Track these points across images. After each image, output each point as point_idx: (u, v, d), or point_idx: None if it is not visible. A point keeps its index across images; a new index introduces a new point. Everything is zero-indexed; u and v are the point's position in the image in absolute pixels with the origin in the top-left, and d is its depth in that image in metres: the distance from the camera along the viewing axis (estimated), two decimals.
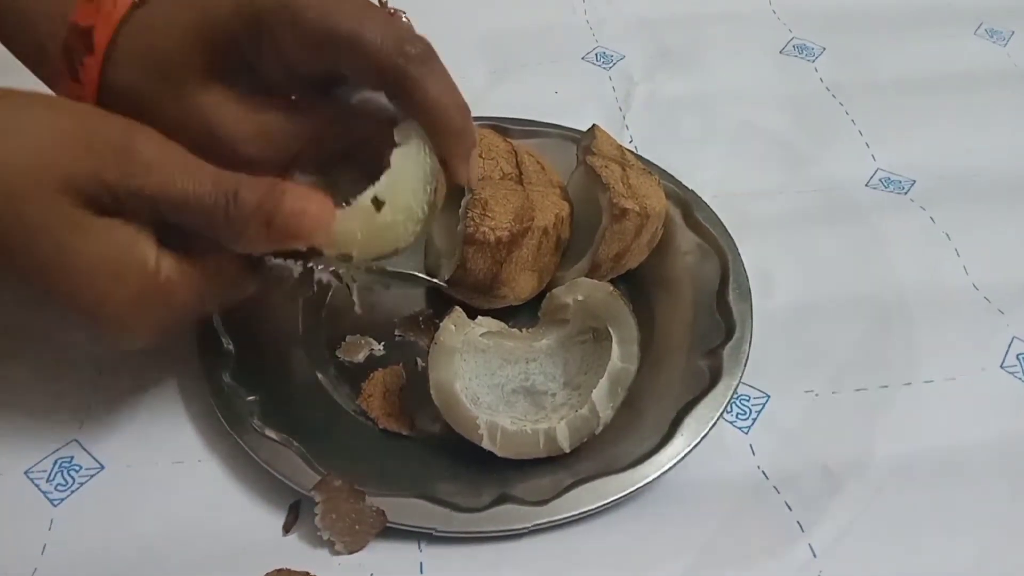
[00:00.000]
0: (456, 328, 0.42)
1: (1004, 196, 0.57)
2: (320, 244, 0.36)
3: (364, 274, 0.40)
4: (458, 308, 0.43)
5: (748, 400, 0.46)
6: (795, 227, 0.55)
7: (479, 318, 0.44)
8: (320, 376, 0.47)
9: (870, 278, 0.52)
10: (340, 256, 0.37)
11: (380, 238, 0.38)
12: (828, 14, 0.70)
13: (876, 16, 0.70)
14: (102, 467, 0.43)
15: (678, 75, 0.65)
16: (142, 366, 0.46)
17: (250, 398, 0.43)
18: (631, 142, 0.60)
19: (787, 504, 0.43)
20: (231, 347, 0.45)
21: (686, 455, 0.42)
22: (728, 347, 0.45)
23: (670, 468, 0.42)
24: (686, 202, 0.52)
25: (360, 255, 0.38)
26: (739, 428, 0.45)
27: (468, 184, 0.40)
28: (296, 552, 0.40)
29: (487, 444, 0.41)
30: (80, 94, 0.38)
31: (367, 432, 0.44)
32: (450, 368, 0.41)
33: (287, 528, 0.41)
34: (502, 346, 0.44)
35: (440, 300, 0.49)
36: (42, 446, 0.44)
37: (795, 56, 0.67)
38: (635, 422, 0.43)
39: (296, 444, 0.42)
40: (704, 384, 0.44)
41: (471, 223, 0.45)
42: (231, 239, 0.35)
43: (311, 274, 0.39)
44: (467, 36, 0.66)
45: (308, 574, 0.39)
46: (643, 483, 0.41)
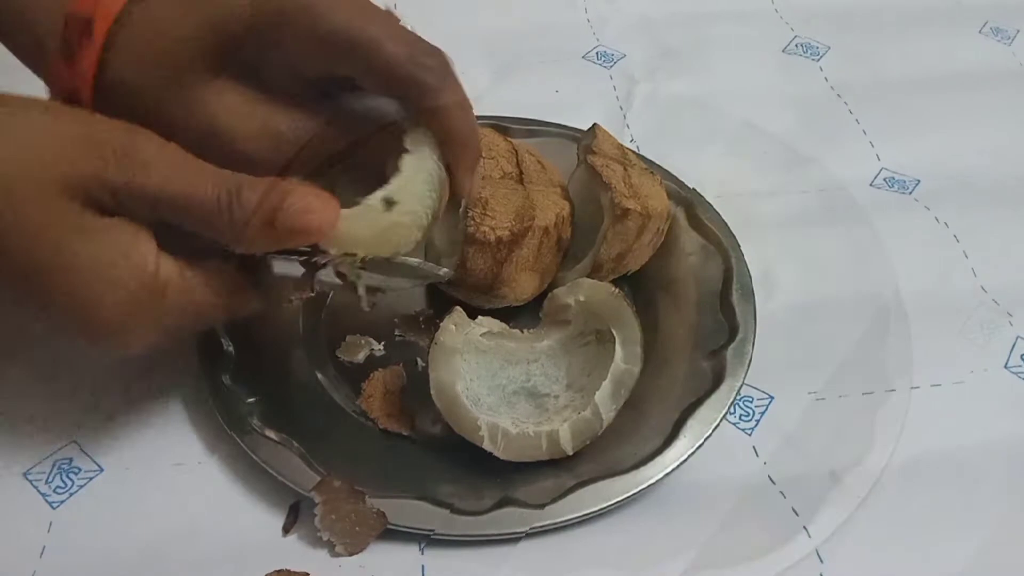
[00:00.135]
0: (457, 328, 0.42)
1: (1009, 195, 0.57)
2: (325, 243, 0.36)
3: (368, 273, 0.40)
4: (458, 308, 0.43)
5: (751, 401, 0.46)
6: (798, 227, 0.54)
7: (479, 318, 0.43)
8: (320, 376, 0.46)
9: (873, 278, 0.52)
10: (344, 256, 0.37)
11: (385, 239, 0.38)
12: (831, 12, 0.70)
13: (879, 14, 0.70)
14: (101, 469, 0.43)
15: (679, 74, 0.64)
16: (141, 367, 0.46)
17: (250, 399, 0.43)
18: (632, 141, 0.59)
19: (794, 510, 0.42)
20: (231, 348, 0.45)
21: (689, 457, 0.42)
22: (731, 348, 0.45)
23: (673, 470, 0.41)
24: (689, 202, 0.52)
25: (365, 254, 0.38)
26: (742, 430, 0.45)
27: (468, 195, 0.40)
28: (296, 553, 0.40)
29: (489, 446, 0.41)
30: (77, 86, 0.38)
31: (367, 433, 0.44)
32: (451, 368, 0.41)
33: (287, 529, 0.41)
34: (503, 347, 0.43)
35: (440, 300, 0.49)
36: (41, 448, 0.43)
37: (797, 55, 0.67)
38: (637, 423, 0.43)
39: (296, 445, 0.41)
40: (707, 385, 0.44)
41: (472, 223, 0.45)
42: (233, 238, 0.35)
43: (312, 276, 0.38)
44: (467, 34, 0.66)
45: (308, 575, 0.39)
46: (646, 485, 0.41)
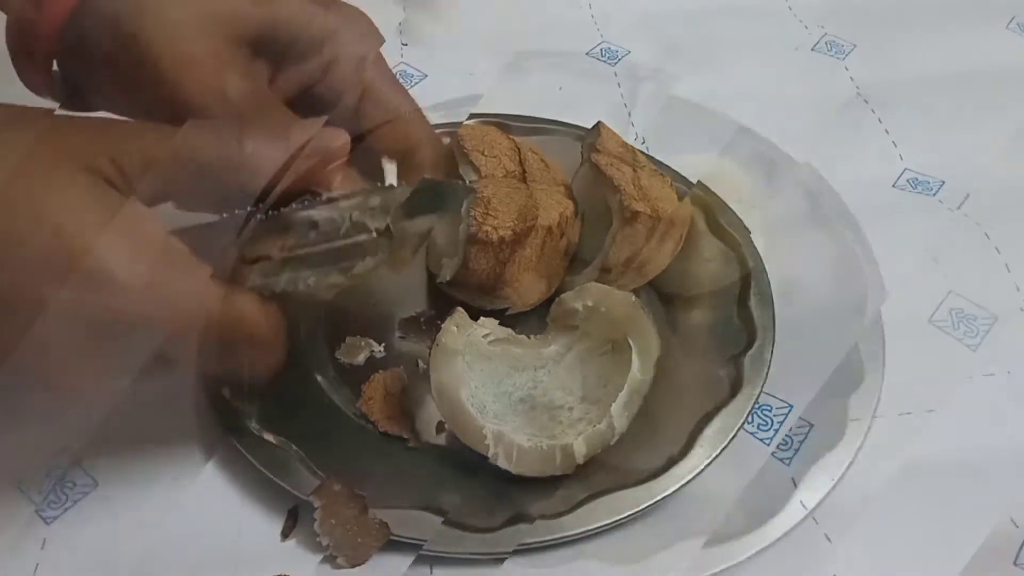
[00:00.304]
0: (458, 329, 0.41)
1: None
2: (342, 185, 0.37)
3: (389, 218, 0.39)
4: (460, 309, 0.42)
5: (770, 410, 0.45)
6: (817, 229, 0.53)
7: (481, 319, 0.43)
8: (319, 378, 0.46)
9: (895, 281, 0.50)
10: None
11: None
12: (847, 8, 0.68)
13: (902, 10, 0.68)
14: (96, 484, 0.42)
15: (686, 72, 0.63)
16: (136, 373, 0.45)
17: (248, 401, 0.42)
18: (636, 139, 0.58)
19: (814, 519, 0.41)
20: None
21: (706, 467, 0.40)
22: (749, 355, 0.44)
23: (689, 481, 0.40)
24: (708, 205, 0.50)
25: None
26: (761, 440, 0.44)
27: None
28: (295, 557, 0.40)
29: (503, 463, 0.39)
30: (38, 19, 0.39)
31: (367, 435, 0.43)
32: (452, 370, 0.40)
33: (286, 534, 0.40)
34: (509, 353, 0.43)
35: (442, 301, 0.48)
36: (35, 462, 0.43)
37: (812, 52, 0.65)
38: (651, 433, 0.42)
39: (295, 448, 0.41)
40: (724, 393, 0.43)
41: (474, 222, 0.44)
42: (249, 168, 0.35)
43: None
44: (470, 31, 0.65)
45: None
46: (660, 497, 0.39)
